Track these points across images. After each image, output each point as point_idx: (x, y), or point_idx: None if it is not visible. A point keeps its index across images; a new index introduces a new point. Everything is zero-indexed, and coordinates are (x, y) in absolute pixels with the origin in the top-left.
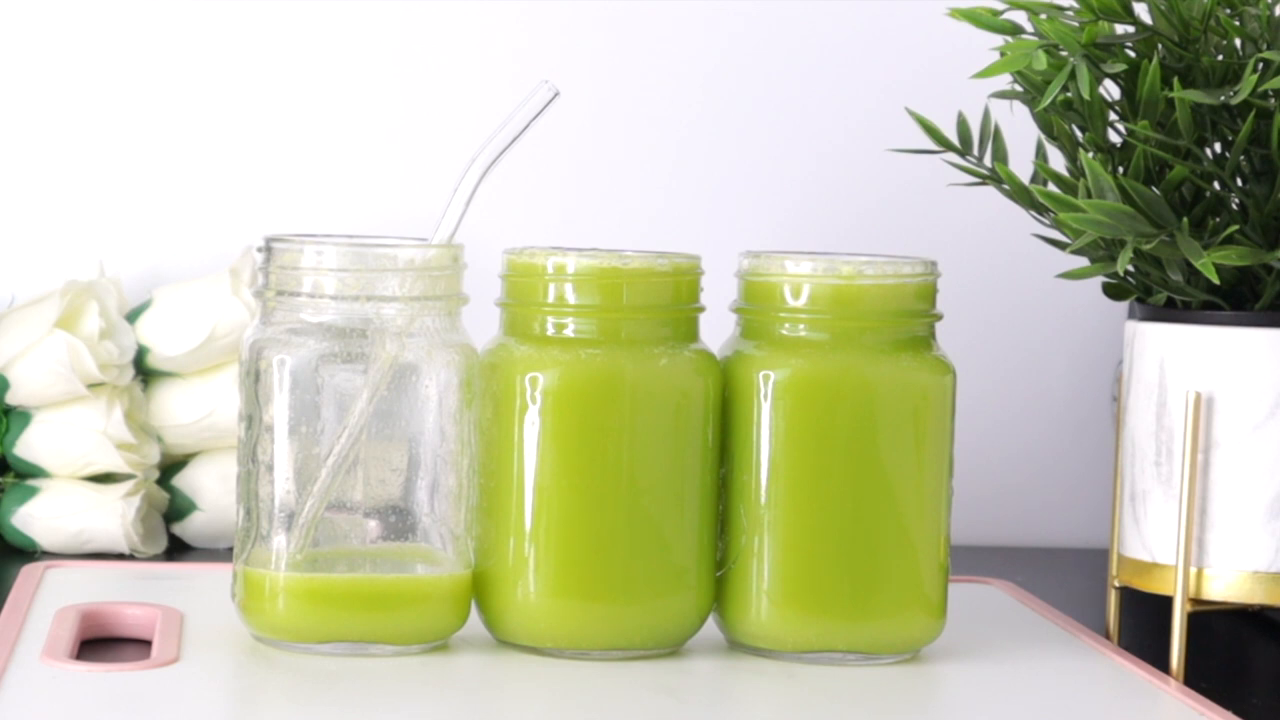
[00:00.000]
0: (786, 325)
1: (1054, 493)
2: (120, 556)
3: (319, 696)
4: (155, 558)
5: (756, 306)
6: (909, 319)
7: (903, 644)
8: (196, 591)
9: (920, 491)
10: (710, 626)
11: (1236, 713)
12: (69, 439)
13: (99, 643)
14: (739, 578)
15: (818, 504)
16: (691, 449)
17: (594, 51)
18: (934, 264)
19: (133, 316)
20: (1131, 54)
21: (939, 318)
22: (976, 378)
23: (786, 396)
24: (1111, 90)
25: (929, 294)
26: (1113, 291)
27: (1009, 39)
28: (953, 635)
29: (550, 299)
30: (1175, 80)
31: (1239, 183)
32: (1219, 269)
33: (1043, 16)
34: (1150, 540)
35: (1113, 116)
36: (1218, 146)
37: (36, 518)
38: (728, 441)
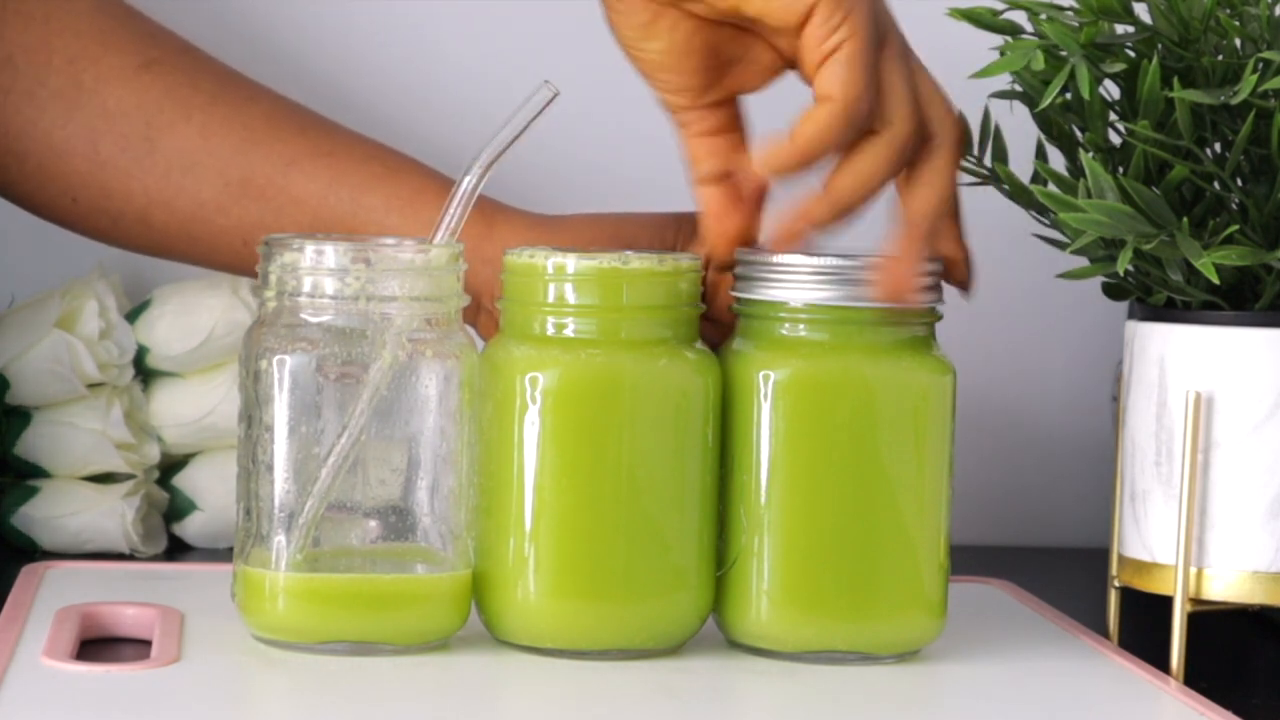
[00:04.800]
0: (786, 325)
1: (1054, 493)
2: (120, 556)
3: (319, 696)
4: (155, 558)
5: (756, 306)
6: (909, 319)
7: (902, 644)
8: (196, 591)
9: (920, 491)
10: (710, 626)
11: (1236, 713)
12: (69, 439)
13: (99, 643)
14: (739, 578)
15: (818, 504)
16: (691, 449)
17: (596, 51)
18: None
19: (133, 316)
20: (1131, 54)
21: (939, 318)
22: (976, 378)
23: (786, 396)
24: (1111, 90)
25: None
26: (1113, 291)
27: (1009, 39)
28: (953, 635)
29: (550, 299)
30: (1175, 80)
31: (1239, 183)
32: (1219, 269)
33: (1043, 16)
34: (1150, 540)
35: (1113, 116)
36: (1218, 146)
37: (36, 518)
38: (728, 442)
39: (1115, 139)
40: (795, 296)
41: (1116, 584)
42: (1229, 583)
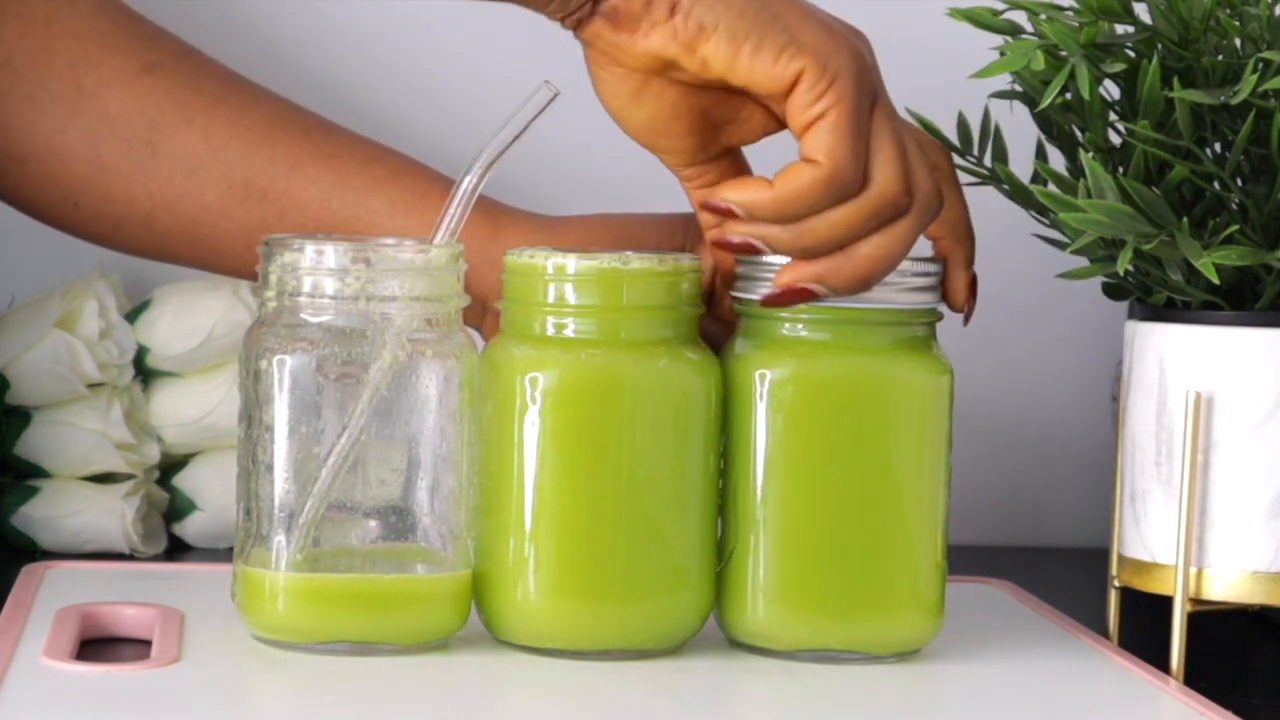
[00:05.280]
0: (786, 325)
1: (1054, 493)
2: (120, 556)
3: (319, 696)
4: (155, 558)
5: (757, 306)
6: (909, 319)
7: (899, 643)
8: (196, 591)
9: (917, 491)
10: (711, 626)
11: (1236, 713)
12: (69, 439)
13: (99, 643)
14: (736, 576)
15: (814, 503)
16: (691, 449)
17: None
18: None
19: (133, 316)
20: (1131, 54)
21: (939, 318)
22: (976, 378)
23: (785, 396)
24: (1111, 90)
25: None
26: (1113, 291)
27: (1009, 39)
28: (952, 635)
29: (550, 299)
30: (1175, 80)
31: (1239, 183)
32: (1219, 269)
33: (1042, 16)
34: (1150, 540)
35: (1113, 116)
36: (1218, 146)
37: (36, 518)
38: (727, 440)
39: (1115, 139)
40: None
41: (1116, 584)
42: (1229, 583)
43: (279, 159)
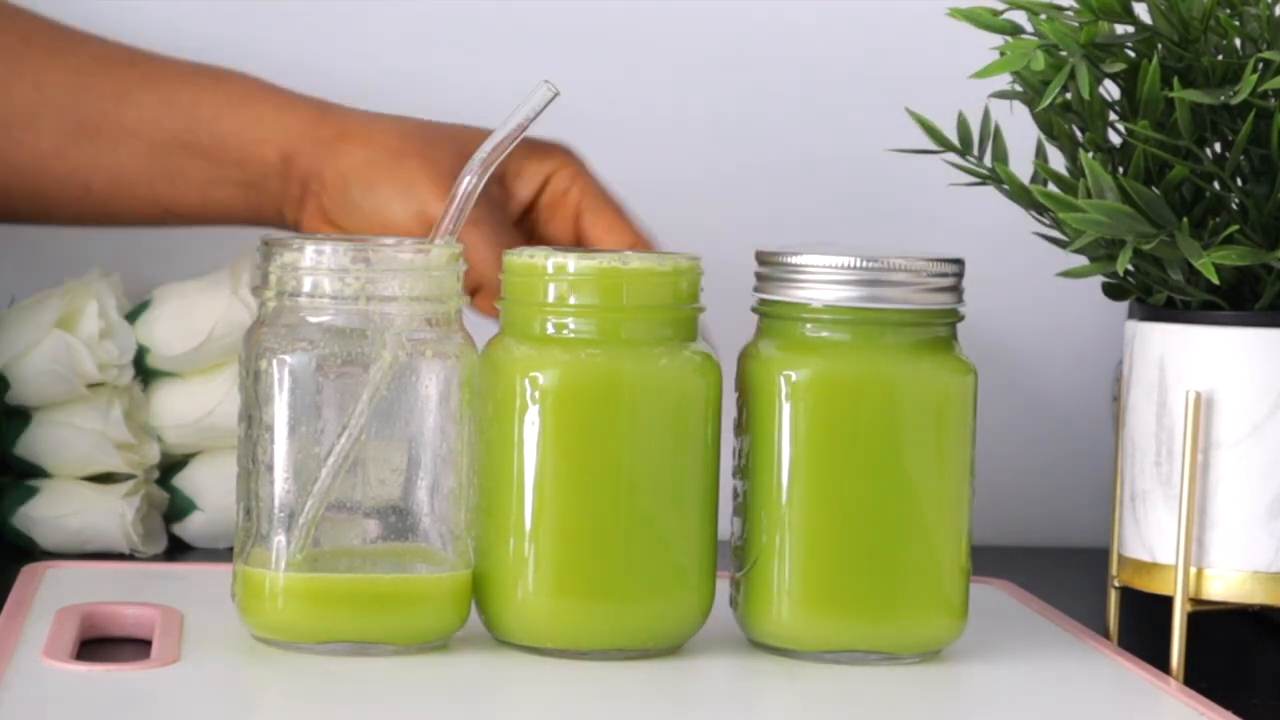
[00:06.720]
0: (809, 326)
1: (1054, 493)
2: (120, 556)
3: (319, 696)
4: (155, 558)
5: (779, 307)
6: (930, 319)
7: (923, 644)
8: (196, 591)
9: (941, 492)
10: (712, 626)
11: (1236, 713)
12: (69, 439)
13: (99, 643)
14: (760, 577)
15: (839, 504)
16: (691, 449)
17: (597, 50)
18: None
19: (133, 316)
20: (1131, 54)
21: (960, 318)
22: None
23: (808, 397)
24: (1111, 90)
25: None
26: (1113, 291)
27: (1009, 39)
28: None
29: (550, 299)
30: (1175, 80)
31: (1239, 183)
32: (1219, 269)
33: (1042, 16)
34: (1150, 540)
35: (1113, 116)
36: (1218, 146)
37: (36, 518)
38: (749, 442)
39: (1115, 139)
40: (817, 297)
41: (1116, 584)
42: (1229, 583)
43: (107, 93)
